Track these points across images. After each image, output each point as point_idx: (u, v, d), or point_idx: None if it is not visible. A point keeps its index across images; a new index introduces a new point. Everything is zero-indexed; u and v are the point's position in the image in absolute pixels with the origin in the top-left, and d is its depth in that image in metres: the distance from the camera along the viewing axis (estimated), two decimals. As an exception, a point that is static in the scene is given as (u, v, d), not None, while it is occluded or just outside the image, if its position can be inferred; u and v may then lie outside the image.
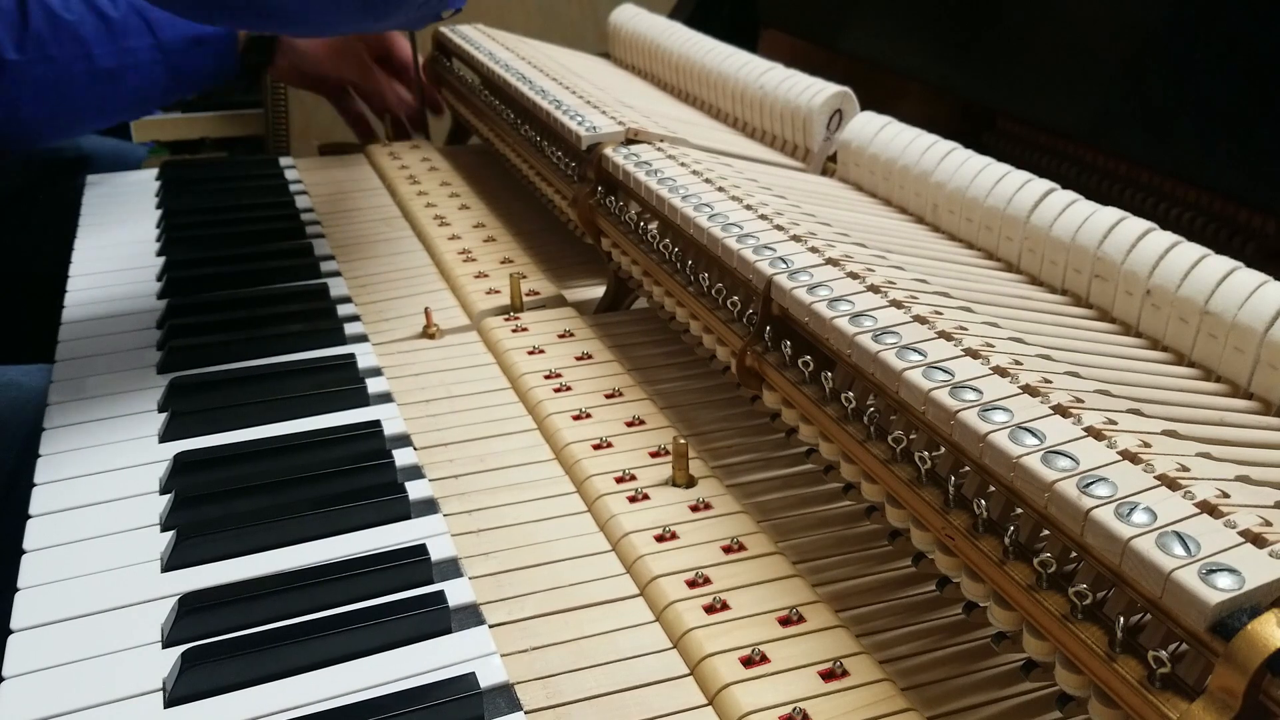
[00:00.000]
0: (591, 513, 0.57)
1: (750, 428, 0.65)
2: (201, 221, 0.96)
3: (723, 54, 0.96)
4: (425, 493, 0.58)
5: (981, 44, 0.92)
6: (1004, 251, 0.64)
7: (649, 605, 0.50)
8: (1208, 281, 0.51)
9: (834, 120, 0.82)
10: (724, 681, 0.45)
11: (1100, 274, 0.57)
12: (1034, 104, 0.87)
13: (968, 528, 0.42)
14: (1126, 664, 0.35)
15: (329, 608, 0.50)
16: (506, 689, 0.46)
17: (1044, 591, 0.38)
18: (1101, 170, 0.85)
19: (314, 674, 0.47)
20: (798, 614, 0.48)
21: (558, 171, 0.83)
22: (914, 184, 0.71)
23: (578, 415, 0.65)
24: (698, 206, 0.64)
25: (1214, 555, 0.34)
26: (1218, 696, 0.32)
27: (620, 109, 0.83)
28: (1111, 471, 0.38)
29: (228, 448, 0.62)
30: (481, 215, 0.97)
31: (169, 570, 0.53)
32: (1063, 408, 0.42)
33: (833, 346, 0.51)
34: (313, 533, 0.55)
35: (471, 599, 0.51)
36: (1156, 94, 0.75)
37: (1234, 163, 0.71)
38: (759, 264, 0.56)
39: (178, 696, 0.45)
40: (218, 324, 0.77)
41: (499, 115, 0.97)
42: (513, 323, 0.76)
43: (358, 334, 0.77)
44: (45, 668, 0.47)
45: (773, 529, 0.56)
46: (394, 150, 1.14)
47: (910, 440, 0.46)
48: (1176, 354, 0.53)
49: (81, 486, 0.59)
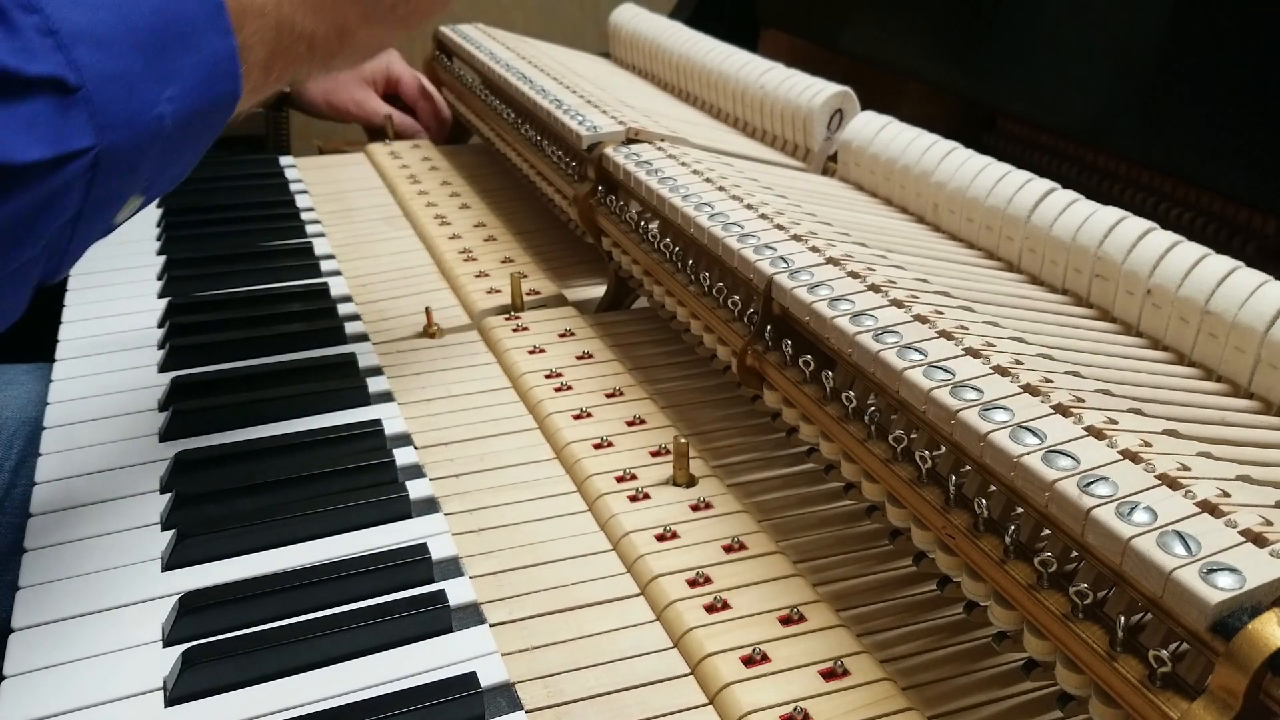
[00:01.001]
0: (592, 512, 0.57)
1: (751, 427, 0.65)
2: (202, 221, 0.96)
3: (723, 54, 0.96)
4: (426, 492, 0.58)
5: (981, 44, 0.92)
6: (1004, 251, 0.64)
7: (649, 604, 0.50)
8: (1208, 281, 0.51)
9: (834, 120, 0.82)
10: (724, 681, 0.45)
11: (1101, 273, 0.57)
12: (1034, 104, 0.87)
13: (968, 527, 0.42)
14: (1127, 663, 0.35)
15: (329, 607, 0.50)
16: (507, 688, 0.46)
17: (1045, 591, 0.38)
18: (1102, 170, 0.85)
19: (314, 673, 0.47)
20: (798, 613, 0.48)
21: (558, 171, 0.83)
22: (914, 184, 0.71)
23: (578, 415, 0.65)
24: (698, 206, 0.64)
25: (1215, 555, 0.34)
26: (1218, 696, 0.32)
27: (621, 108, 0.83)
28: (1112, 471, 0.38)
29: (228, 447, 0.62)
30: (482, 215, 0.97)
31: (169, 569, 0.53)
32: (1063, 407, 0.42)
33: (833, 346, 0.51)
34: (313, 532, 0.55)
35: (472, 598, 0.51)
36: (1157, 94, 0.75)
37: (1234, 163, 0.71)
38: (760, 263, 0.56)
39: (178, 696, 0.45)
40: (218, 323, 0.77)
41: (499, 115, 0.97)
42: (513, 322, 0.76)
43: (358, 333, 0.76)
44: (45, 667, 0.47)
45: (773, 528, 0.56)
46: (394, 150, 1.14)
47: (911, 440, 0.46)
48: (1177, 353, 0.53)
49: (81, 486, 0.59)
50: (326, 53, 0.55)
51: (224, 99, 0.48)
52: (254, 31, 0.49)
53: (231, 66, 0.47)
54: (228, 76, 0.47)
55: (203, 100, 0.47)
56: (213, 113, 0.48)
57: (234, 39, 0.47)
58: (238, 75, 0.48)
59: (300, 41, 0.52)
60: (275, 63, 0.51)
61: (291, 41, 0.51)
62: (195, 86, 0.46)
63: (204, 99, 0.47)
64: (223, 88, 0.48)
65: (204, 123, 0.48)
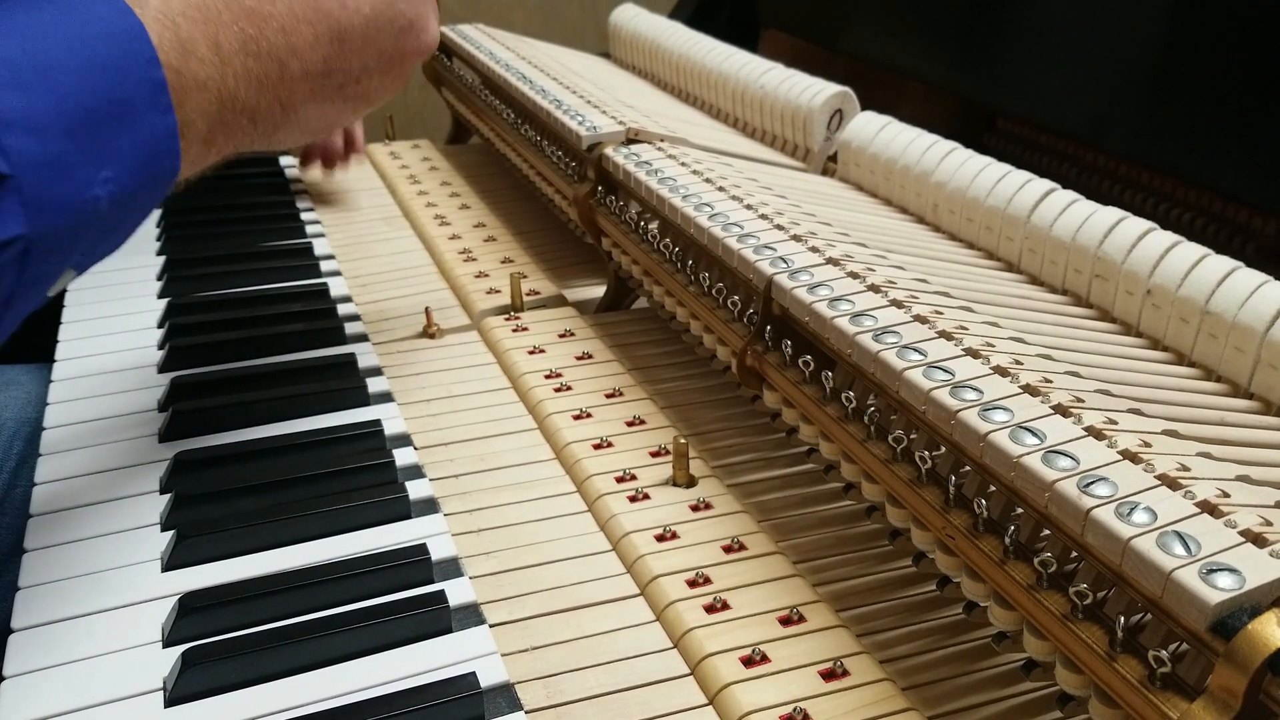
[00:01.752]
0: (592, 512, 0.57)
1: (750, 427, 0.65)
2: (202, 221, 0.96)
3: (723, 54, 0.96)
4: (425, 492, 0.58)
5: (982, 44, 0.92)
6: (1004, 251, 0.64)
7: (649, 605, 0.50)
8: (1208, 281, 0.51)
9: (834, 120, 0.82)
10: (724, 681, 0.45)
11: (1101, 274, 0.57)
12: (1034, 104, 0.87)
13: (968, 527, 0.42)
14: (1127, 663, 0.35)
15: (329, 607, 0.50)
16: (507, 688, 0.46)
17: (1044, 591, 0.38)
18: (1102, 170, 0.85)
19: (314, 674, 0.46)
20: (798, 614, 0.48)
21: (558, 171, 0.83)
22: (914, 184, 0.71)
23: (578, 415, 0.65)
24: (698, 206, 0.64)
25: (1214, 555, 0.34)
26: (1218, 696, 0.32)
27: (621, 109, 0.83)
28: (1112, 471, 0.38)
29: (228, 447, 0.62)
30: (482, 215, 0.97)
31: (169, 570, 0.53)
32: (1063, 407, 0.42)
33: (833, 346, 0.51)
34: (313, 532, 0.55)
35: (472, 598, 0.51)
36: (1157, 94, 0.75)
37: (1234, 163, 0.71)
38: (759, 264, 0.56)
39: (178, 696, 0.45)
40: (218, 323, 0.77)
41: (499, 115, 0.97)
42: (513, 322, 0.76)
43: (358, 334, 0.76)
44: (45, 667, 0.47)
45: (773, 529, 0.56)
46: (394, 150, 1.14)
47: (911, 440, 0.46)
48: (1177, 354, 0.53)
49: (81, 486, 0.59)
50: (269, 127, 0.54)
51: (163, 175, 0.47)
52: (195, 107, 0.48)
53: (171, 144, 0.47)
54: (166, 155, 0.47)
55: (140, 178, 0.46)
56: (152, 190, 0.47)
57: (174, 116, 0.46)
58: (177, 153, 0.47)
59: (243, 115, 0.51)
60: (217, 135, 0.50)
61: (233, 115, 0.50)
62: (133, 166, 0.45)
63: (141, 177, 0.46)
64: (161, 165, 0.47)
65: (142, 199, 0.47)
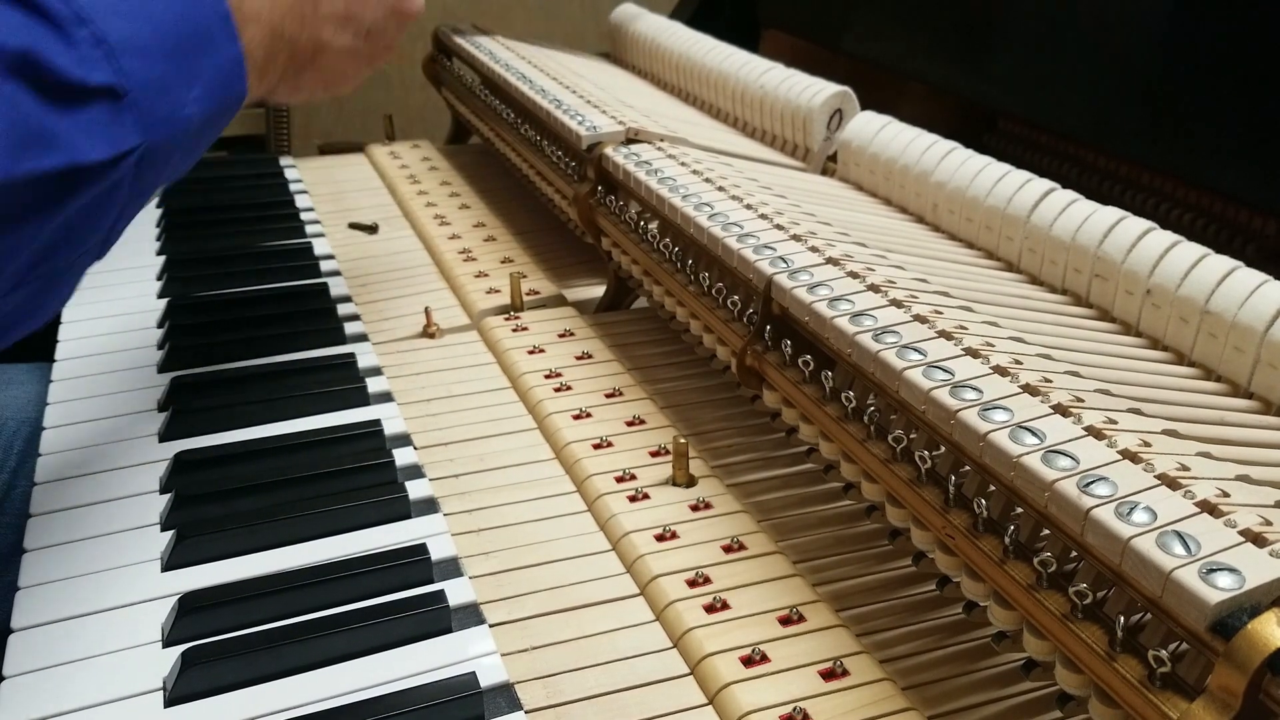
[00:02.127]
0: (592, 512, 0.57)
1: (750, 427, 0.65)
2: (202, 221, 0.96)
3: (723, 54, 0.96)
4: (425, 492, 0.58)
5: (982, 44, 0.92)
6: (1004, 251, 0.64)
7: (649, 605, 0.50)
8: (1208, 281, 0.51)
9: (834, 120, 0.82)
10: (724, 681, 0.45)
11: (1100, 273, 0.57)
12: (1034, 104, 0.86)
13: (968, 527, 0.42)
14: (1127, 663, 0.35)
15: (329, 607, 0.50)
16: (507, 688, 0.46)
17: (1044, 591, 0.38)
18: (1102, 170, 0.85)
19: (314, 673, 0.46)
20: (798, 613, 0.48)
21: (558, 171, 0.83)
22: (914, 184, 0.71)
23: (578, 415, 0.65)
24: (698, 206, 0.64)
25: (1214, 554, 0.34)
26: (1218, 696, 0.32)
27: (620, 108, 0.83)
28: (1112, 471, 0.38)
29: (228, 447, 0.62)
30: (481, 215, 0.97)
31: (169, 570, 0.53)
32: (1063, 407, 0.42)
33: (833, 346, 0.51)
34: (313, 532, 0.55)
35: (472, 598, 0.51)
36: (1157, 94, 0.75)
37: (1234, 163, 0.71)
38: (759, 263, 0.56)
39: (178, 696, 0.45)
40: (218, 323, 0.77)
41: (499, 115, 0.97)
42: (513, 322, 0.76)
43: (358, 333, 0.76)
44: (45, 667, 0.47)
45: (773, 528, 0.56)
46: (394, 150, 1.14)
47: (910, 440, 0.46)
48: (1177, 353, 0.53)
49: (81, 486, 0.59)
50: (299, 64, 0.60)
51: (233, 100, 0.53)
52: (253, 37, 0.53)
53: (239, 69, 0.52)
54: (237, 79, 0.52)
55: (220, 100, 0.51)
56: (224, 113, 0.53)
57: (240, 44, 0.52)
58: (244, 77, 0.53)
59: (284, 50, 0.57)
60: (267, 68, 0.56)
61: (278, 48, 0.56)
62: (214, 88, 0.51)
63: (221, 99, 0.51)
64: (233, 90, 0.53)
65: (216, 122, 0.52)
